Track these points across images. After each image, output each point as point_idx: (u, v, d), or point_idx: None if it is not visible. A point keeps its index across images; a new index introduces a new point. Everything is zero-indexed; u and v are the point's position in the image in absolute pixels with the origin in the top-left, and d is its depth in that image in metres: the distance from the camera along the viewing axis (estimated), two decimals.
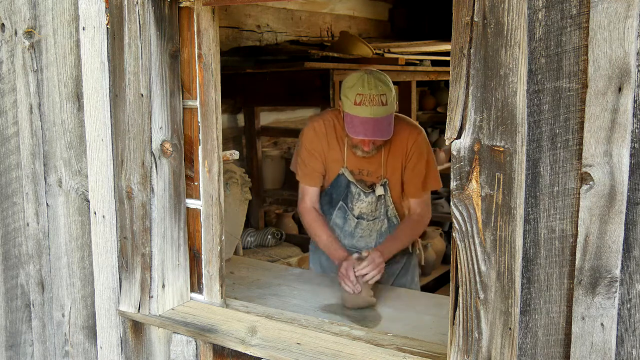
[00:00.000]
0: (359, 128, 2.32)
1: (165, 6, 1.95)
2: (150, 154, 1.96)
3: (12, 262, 2.43)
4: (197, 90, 2.02)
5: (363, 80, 2.31)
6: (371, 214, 2.59)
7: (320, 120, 2.60)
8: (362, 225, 2.61)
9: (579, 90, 1.28)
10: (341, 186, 2.58)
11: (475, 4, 1.35)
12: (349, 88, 2.34)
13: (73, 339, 2.30)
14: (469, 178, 1.41)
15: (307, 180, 2.60)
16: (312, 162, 2.57)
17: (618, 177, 1.25)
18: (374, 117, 2.29)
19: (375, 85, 2.30)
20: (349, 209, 2.59)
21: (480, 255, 1.42)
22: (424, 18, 5.67)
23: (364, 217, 2.60)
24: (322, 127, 2.56)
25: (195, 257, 2.14)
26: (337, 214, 2.62)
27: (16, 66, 2.24)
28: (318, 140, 2.55)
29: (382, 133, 2.34)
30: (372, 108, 2.28)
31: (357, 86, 2.31)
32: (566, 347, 1.37)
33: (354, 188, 2.55)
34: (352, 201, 2.58)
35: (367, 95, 2.28)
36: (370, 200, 2.56)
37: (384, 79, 2.36)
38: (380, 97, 2.29)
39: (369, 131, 2.32)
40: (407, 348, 1.78)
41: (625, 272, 1.28)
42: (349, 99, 2.32)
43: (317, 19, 4.76)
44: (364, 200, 2.56)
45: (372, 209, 2.58)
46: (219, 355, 1.95)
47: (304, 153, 2.59)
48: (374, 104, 2.28)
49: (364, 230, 2.61)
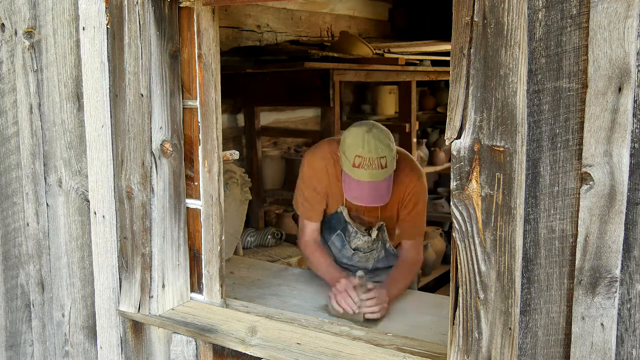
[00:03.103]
0: (355, 192, 2.28)
1: (165, 6, 1.95)
2: (150, 154, 1.96)
3: (12, 262, 2.43)
4: (197, 90, 2.02)
5: (363, 140, 2.23)
6: (368, 248, 2.62)
7: (319, 157, 2.53)
8: (359, 255, 2.64)
9: (579, 90, 1.28)
10: (339, 220, 2.58)
11: (475, 4, 1.35)
12: (348, 147, 2.26)
13: (73, 339, 2.30)
14: (469, 178, 1.41)
15: (308, 215, 2.59)
16: (313, 199, 2.54)
17: (618, 177, 1.25)
18: (373, 180, 2.24)
19: (376, 147, 2.22)
20: (347, 241, 2.61)
21: (480, 255, 1.42)
22: (424, 18, 5.67)
23: (361, 250, 2.62)
24: (323, 165, 2.50)
25: (195, 257, 2.14)
26: (335, 239, 2.63)
27: (16, 66, 2.24)
28: (317, 177, 2.52)
29: (379, 199, 2.30)
30: (371, 172, 2.22)
31: (357, 147, 2.23)
32: (566, 347, 1.37)
33: (351, 228, 2.57)
34: (349, 236, 2.59)
35: (366, 158, 2.21)
36: (367, 240, 2.59)
37: (385, 138, 2.27)
38: (380, 160, 2.22)
39: (365, 196, 2.28)
40: (407, 348, 1.78)
41: (625, 272, 1.28)
42: (348, 160, 2.25)
43: (317, 19, 4.76)
44: (360, 239, 2.59)
45: (369, 245, 2.61)
46: (219, 355, 1.95)
47: (306, 189, 2.55)
48: (373, 168, 2.22)
49: (360, 258, 2.65)
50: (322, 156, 2.53)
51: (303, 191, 2.56)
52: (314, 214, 2.58)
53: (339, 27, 4.88)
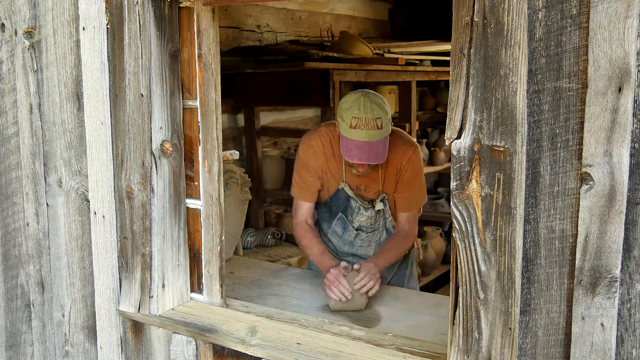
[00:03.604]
0: (354, 152, 2.33)
1: (165, 6, 1.95)
2: (150, 154, 1.96)
3: (12, 262, 2.43)
4: (197, 90, 2.02)
5: (359, 103, 2.31)
6: (370, 226, 2.63)
7: (316, 136, 2.59)
8: (362, 237, 2.65)
9: (579, 90, 1.28)
10: (340, 199, 2.61)
11: (475, 4, 1.35)
12: (345, 110, 2.33)
13: (73, 339, 2.30)
14: (469, 178, 1.41)
15: (303, 196, 2.61)
16: (309, 177, 2.58)
17: (618, 177, 1.25)
18: (369, 140, 2.30)
19: (371, 108, 2.30)
20: (349, 221, 2.63)
21: (480, 255, 1.42)
22: (424, 18, 5.67)
23: (363, 229, 2.64)
24: (319, 143, 2.56)
25: (195, 257, 2.14)
26: (336, 224, 2.65)
27: (16, 66, 2.24)
28: (315, 156, 2.56)
29: (377, 157, 2.35)
30: (367, 132, 2.29)
31: (353, 109, 2.31)
32: (566, 347, 1.37)
33: (354, 203, 2.59)
34: (351, 214, 2.61)
35: (362, 119, 2.28)
36: (370, 215, 2.60)
37: (380, 102, 2.35)
38: (376, 120, 2.29)
39: (364, 155, 2.33)
40: (407, 348, 1.78)
41: (625, 272, 1.28)
42: (345, 122, 2.32)
43: (317, 19, 4.76)
44: (363, 215, 2.60)
45: (372, 222, 2.63)
46: (219, 355, 1.95)
47: (301, 169, 2.59)
48: (369, 128, 2.29)
49: (363, 240, 2.66)
50: (318, 135, 2.58)
51: (299, 170, 2.60)
52: (308, 193, 2.60)
53: (339, 27, 4.88)
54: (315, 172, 2.57)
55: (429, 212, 5.38)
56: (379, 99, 2.37)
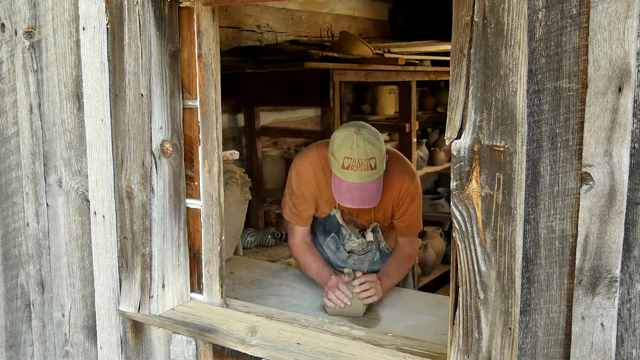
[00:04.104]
0: (345, 195, 2.26)
1: (165, 6, 1.95)
2: (150, 154, 1.96)
3: (12, 262, 2.43)
4: (197, 90, 2.02)
5: (352, 142, 2.19)
6: (362, 250, 2.62)
7: (306, 163, 2.49)
8: (354, 258, 2.64)
9: (579, 90, 1.28)
10: (333, 223, 2.58)
11: (475, 4, 1.35)
12: (337, 148, 2.22)
13: (73, 339, 2.30)
14: (469, 178, 1.41)
15: (296, 221, 2.57)
16: (301, 206, 2.52)
17: (618, 177, 1.25)
18: (362, 182, 2.21)
19: (365, 148, 2.18)
20: (341, 244, 2.61)
21: (480, 255, 1.43)
22: (424, 18, 5.67)
23: (355, 253, 2.63)
24: (311, 172, 2.47)
25: (195, 257, 2.14)
26: (330, 241, 2.63)
27: (16, 66, 2.24)
28: (306, 184, 2.48)
29: (369, 200, 2.27)
30: (360, 173, 2.18)
31: (345, 148, 2.20)
32: (566, 347, 1.37)
33: (345, 231, 2.57)
34: (343, 239, 2.59)
35: (355, 160, 2.18)
36: (361, 242, 2.59)
37: (374, 139, 2.23)
38: (369, 161, 2.19)
39: (356, 199, 2.25)
40: (407, 348, 1.78)
41: (625, 272, 1.28)
42: (337, 161, 2.21)
43: (317, 19, 4.76)
44: (355, 241, 2.59)
45: (363, 247, 2.61)
46: (219, 355, 1.95)
47: (292, 195, 2.52)
48: (362, 169, 2.18)
49: (355, 261, 2.65)
50: (310, 162, 2.49)
51: (291, 198, 2.53)
52: (302, 220, 2.56)
53: (339, 27, 4.88)
54: (307, 199, 2.51)
55: (429, 212, 5.38)
56: (373, 136, 2.25)
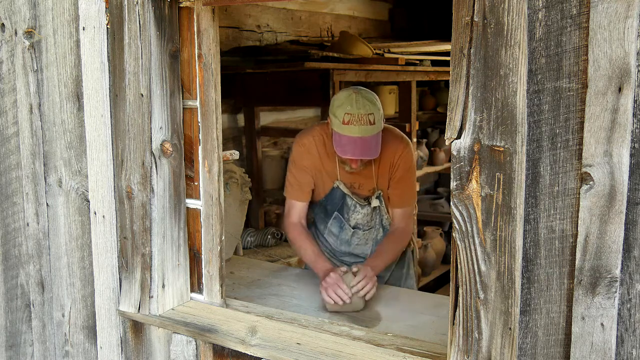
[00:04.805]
0: (347, 147, 2.34)
1: (165, 6, 1.95)
2: (150, 154, 1.97)
3: (12, 262, 2.43)
4: (197, 90, 2.02)
5: (351, 99, 2.32)
6: (367, 224, 2.63)
7: (309, 136, 2.59)
8: (359, 235, 2.65)
9: (579, 90, 1.28)
10: (336, 198, 2.60)
11: (475, 4, 1.35)
12: (337, 107, 2.34)
13: (73, 339, 2.30)
14: (469, 178, 1.41)
15: (296, 195, 2.61)
16: (303, 177, 2.58)
17: (618, 177, 1.25)
18: (362, 136, 2.31)
19: (364, 104, 2.31)
20: (345, 219, 2.62)
21: (480, 255, 1.43)
22: (424, 18, 5.67)
23: (360, 227, 2.64)
24: (312, 142, 2.56)
25: (195, 257, 2.14)
26: (332, 223, 2.65)
27: (16, 66, 2.24)
28: (309, 155, 2.56)
29: (370, 152, 2.36)
30: (360, 127, 2.30)
31: (345, 105, 2.32)
32: (566, 347, 1.37)
33: (350, 200, 2.59)
34: (348, 212, 2.61)
35: (355, 115, 2.29)
36: (366, 212, 2.61)
37: (372, 98, 2.36)
38: (368, 116, 2.30)
39: (357, 150, 2.34)
40: (407, 348, 1.78)
41: (625, 272, 1.28)
42: (337, 118, 2.33)
43: (317, 19, 4.76)
44: (359, 212, 2.60)
45: (368, 220, 2.63)
46: (219, 355, 1.95)
47: (295, 168, 2.59)
48: (361, 123, 2.30)
49: (360, 239, 2.66)
50: (311, 134, 2.59)
51: (292, 170, 2.60)
52: (301, 193, 2.60)
53: (339, 27, 4.88)
54: (308, 171, 2.57)
55: (429, 212, 5.38)
56: (371, 95, 2.38)
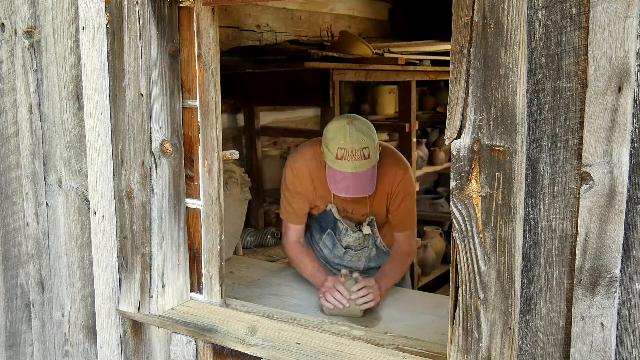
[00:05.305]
0: (341, 185, 2.28)
1: (165, 6, 1.95)
2: (150, 154, 1.96)
3: (12, 262, 2.43)
4: (197, 90, 2.02)
5: (345, 133, 2.24)
6: (359, 245, 2.62)
7: (301, 159, 2.52)
8: (351, 254, 2.63)
9: (579, 90, 1.28)
10: (329, 219, 2.58)
11: (475, 4, 1.35)
12: (330, 139, 2.27)
13: (73, 339, 2.30)
14: (469, 178, 1.41)
15: (292, 219, 2.58)
16: (297, 203, 2.54)
17: (618, 177, 1.25)
18: (356, 172, 2.24)
19: (358, 139, 2.23)
20: (337, 240, 2.60)
21: (480, 255, 1.42)
22: (424, 18, 5.67)
23: (352, 248, 2.62)
24: (305, 167, 2.50)
25: (195, 257, 2.14)
26: (326, 238, 2.63)
27: (16, 66, 2.24)
28: (300, 181, 2.51)
29: (364, 190, 2.30)
30: (354, 163, 2.23)
31: (338, 139, 2.24)
32: (566, 347, 1.37)
33: (341, 225, 2.57)
34: (339, 235, 2.59)
35: (349, 150, 2.22)
36: (358, 237, 2.59)
37: (366, 130, 2.28)
38: (363, 150, 2.23)
39: (351, 188, 2.28)
40: (407, 348, 1.78)
41: (625, 272, 1.28)
42: (331, 153, 2.26)
43: (317, 19, 4.76)
44: (351, 236, 2.58)
45: (360, 242, 2.61)
46: (219, 355, 1.95)
47: (289, 193, 2.54)
48: (356, 159, 2.22)
49: (352, 257, 2.64)
50: (304, 159, 2.52)
51: (286, 195, 2.55)
52: (297, 217, 2.57)
53: (339, 27, 4.88)
54: (302, 197, 2.53)
55: (429, 212, 5.38)
56: (366, 126, 2.29)
